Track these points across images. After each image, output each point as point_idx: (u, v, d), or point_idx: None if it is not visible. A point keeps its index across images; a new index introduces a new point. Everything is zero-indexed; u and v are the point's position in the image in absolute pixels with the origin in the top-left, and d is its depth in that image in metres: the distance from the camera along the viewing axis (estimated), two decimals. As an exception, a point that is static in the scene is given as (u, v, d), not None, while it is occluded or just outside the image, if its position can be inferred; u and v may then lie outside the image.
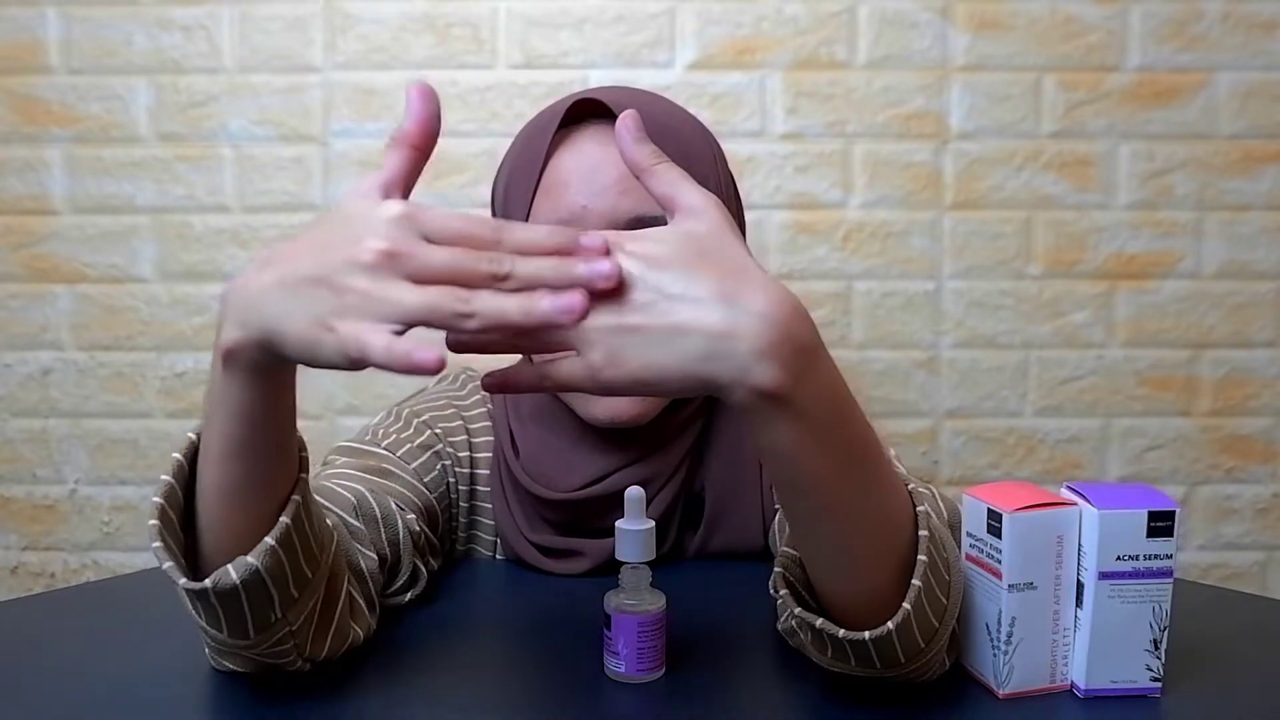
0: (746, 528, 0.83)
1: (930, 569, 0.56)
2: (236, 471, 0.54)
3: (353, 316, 0.46)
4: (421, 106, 0.52)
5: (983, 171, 1.34)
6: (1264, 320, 1.36)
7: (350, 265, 0.47)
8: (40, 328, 1.37)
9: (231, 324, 0.50)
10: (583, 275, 0.48)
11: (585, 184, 0.76)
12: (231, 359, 0.51)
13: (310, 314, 0.47)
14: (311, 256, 0.48)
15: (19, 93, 1.34)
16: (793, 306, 0.50)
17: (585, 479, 0.81)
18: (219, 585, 0.54)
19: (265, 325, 0.48)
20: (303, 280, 0.47)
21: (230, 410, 0.52)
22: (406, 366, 0.44)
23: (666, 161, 0.53)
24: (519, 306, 0.46)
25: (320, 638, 0.61)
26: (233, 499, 0.55)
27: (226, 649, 0.59)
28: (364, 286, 0.46)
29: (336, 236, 0.48)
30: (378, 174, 0.52)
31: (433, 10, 1.33)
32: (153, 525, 0.55)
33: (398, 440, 0.83)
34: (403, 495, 0.77)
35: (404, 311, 0.46)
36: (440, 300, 0.46)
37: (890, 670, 0.58)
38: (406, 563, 0.73)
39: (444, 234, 0.48)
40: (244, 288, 0.50)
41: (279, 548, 0.55)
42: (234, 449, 0.54)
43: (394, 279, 0.46)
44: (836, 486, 0.53)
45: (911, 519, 0.57)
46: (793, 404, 0.50)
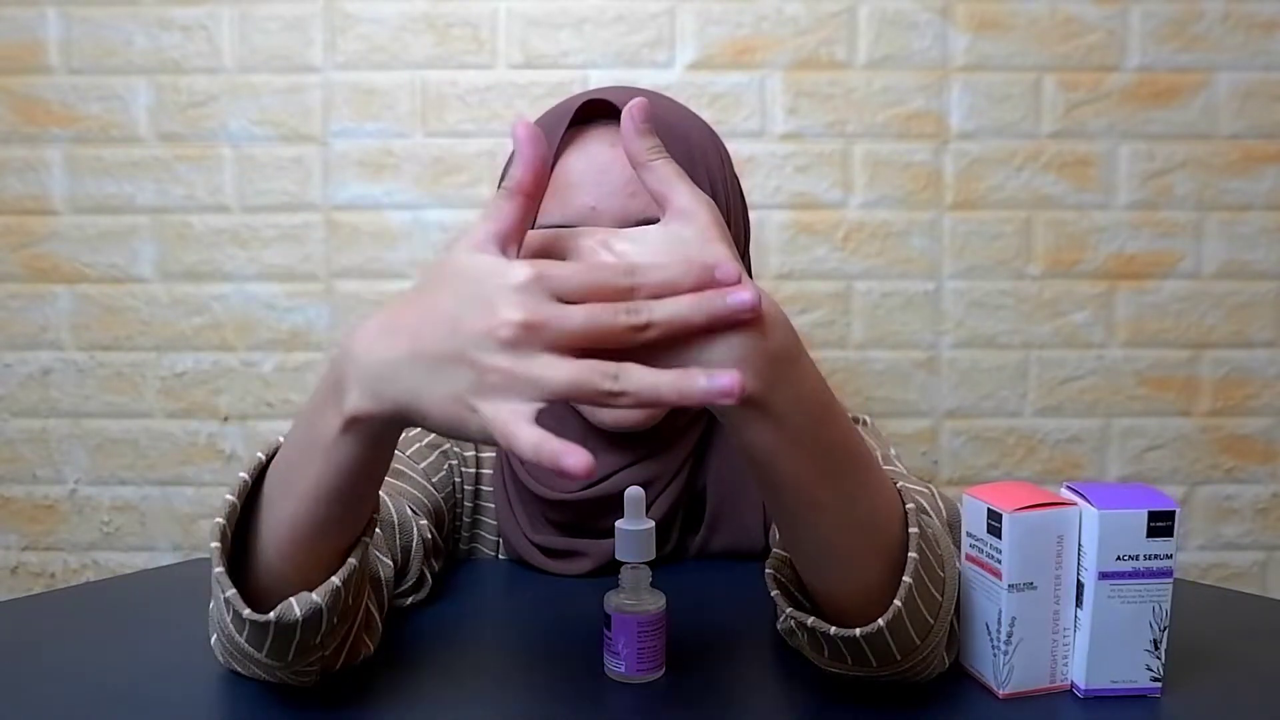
0: (748, 528, 0.83)
1: (922, 566, 0.56)
2: (323, 515, 0.54)
3: (496, 396, 0.45)
4: (532, 151, 0.50)
5: (983, 171, 1.34)
6: (1264, 320, 1.36)
7: (487, 341, 0.45)
8: (40, 328, 1.37)
9: (361, 393, 0.49)
10: (726, 312, 0.46)
11: (595, 185, 0.76)
12: (357, 426, 0.50)
13: (450, 392, 0.46)
14: (444, 329, 0.46)
15: (19, 93, 1.34)
16: (771, 314, 0.49)
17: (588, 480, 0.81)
18: (282, 620, 0.54)
19: (401, 401, 0.48)
20: (438, 357, 0.46)
21: (336, 464, 0.52)
22: (554, 468, 0.43)
23: (665, 157, 0.53)
24: (675, 388, 0.45)
25: (337, 655, 0.61)
26: (310, 537, 0.55)
27: (251, 661, 0.59)
28: (505, 365, 0.45)
29: (466, 304, 0.46)
30: (488, 224, 0.49)
31: (433, 10, 1.33)
32: (215, 548, 0.55)
33: (406, 439, 0.83)
34: (414, 497, 0.77)
35: (549, 392, 0.44)
36: (587, 378, 0.44)
37: (886, 668, 0.58)
38: (415, 569, 0.73)
39: (576, 290, 0.46)
40: (371, 355, 0.48)
41: (343, 588, 0.56)
42: (329, 494, 0.53)
43: (535, 354, 0.45)
44: (817, 488, 0.53)
45: (901, 517, 0.57)
46: (768, 409, 0.49)
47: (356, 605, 0.60)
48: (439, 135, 1.34)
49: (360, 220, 1.36)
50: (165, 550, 1.39)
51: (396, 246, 1.36)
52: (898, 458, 0.84)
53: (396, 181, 1.35)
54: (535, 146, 0.50)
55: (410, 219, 1.35)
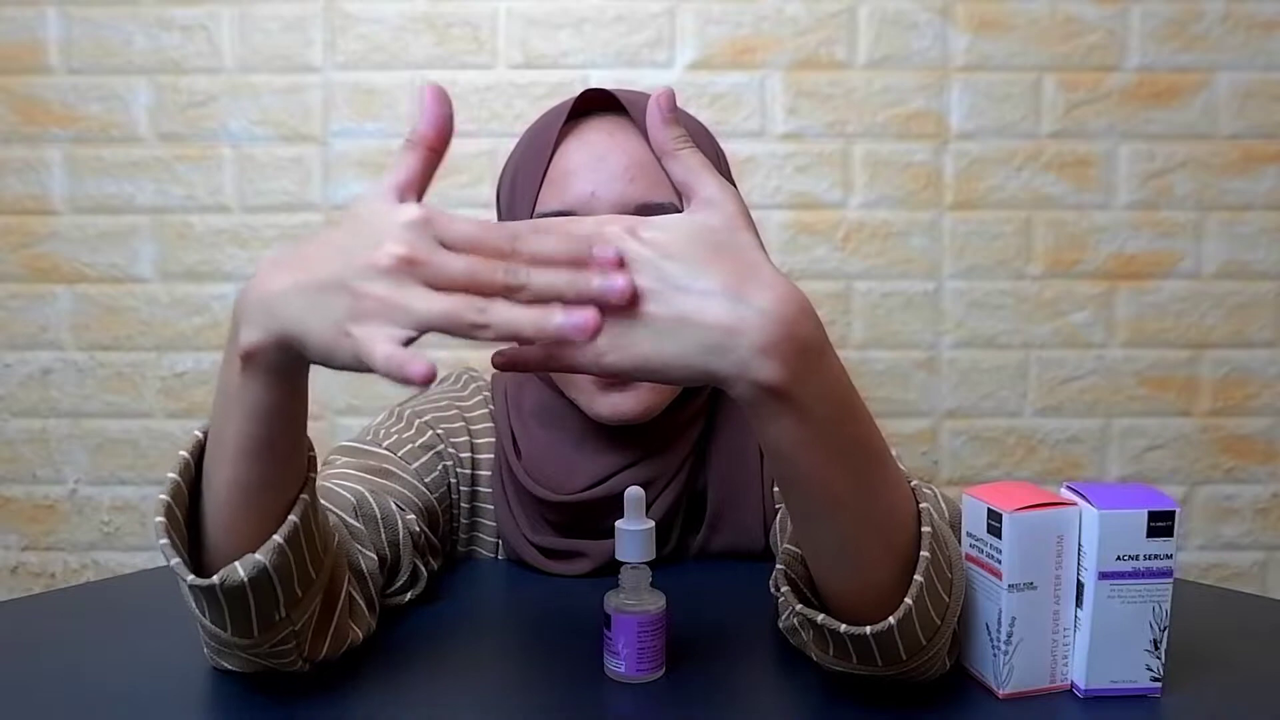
0: (748, 528, 0.83)
1: (933, 565, 0.56)
2: (250, 470, 0.54)
3: (370, 322, 0.46)
4: (435, 107, 0.52)
5: (983, 171, 1.34)
6: (1264, 320, 1.36)
7: (369, 270, 0.47)
8: (40, 328, 1.37)
9: (250, 326, 0.50)
10: (596, 291, 0.48)
11: (593, 172, 0.76)
12: (250, 360, 0.51)
13: (329, 318, 0.47)
14: (329, 260, 0.48)
15: (19, 93, 1.34)
16: (799, 305, 0.50)
17: (587, 480, 0.81)
18: (226, 582, 0.54)
19: (285, 328, 0.49)
20: (321, 284, 0.48)
21: (247, 409, 0.53)
22: (399, 376, 0.44)
23: (692, 147, 0.53)
24: (532, 321, 0.46)
25: (320, 638, 0.61)
26: (244, 497, 0.55)
27: (228, 648, 0.59)
28: (381, 292, 0.46)
29: (354, 240, 0.48)
30: (392, 175, 0.51)
31: (433, 10, 1.33)
32: (159, 522, 0.55)
33: (399, 440, 0.83)
34: (403, 495, 0.77)
35: (420, 319, 0.46)
36: (457, 309, 0.46)
37: (891, 668, 0.58)
38: (406, 563, 0.73)
39: (461, 240, 0.48)
40: (260, 290, 0.50)
41: (287, 546, 0.56)
42: (250, 447, 0.54)
43: (411, 285, 0.47)
44: (839, 483, 0.53)
45: (914, 516, 0.57)
46: (794, 401, 0.50)
47: (324, 579, 0.60)
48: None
49: (360, 220, 1.35)
50: (165, 550, 1.39)
51: (396, 246, 1.36)
52: (898, 458, 0.83)
53: (396, 181, 1.35)
54: (439, 104, 0.52)
55: (410, 219, 1.35)
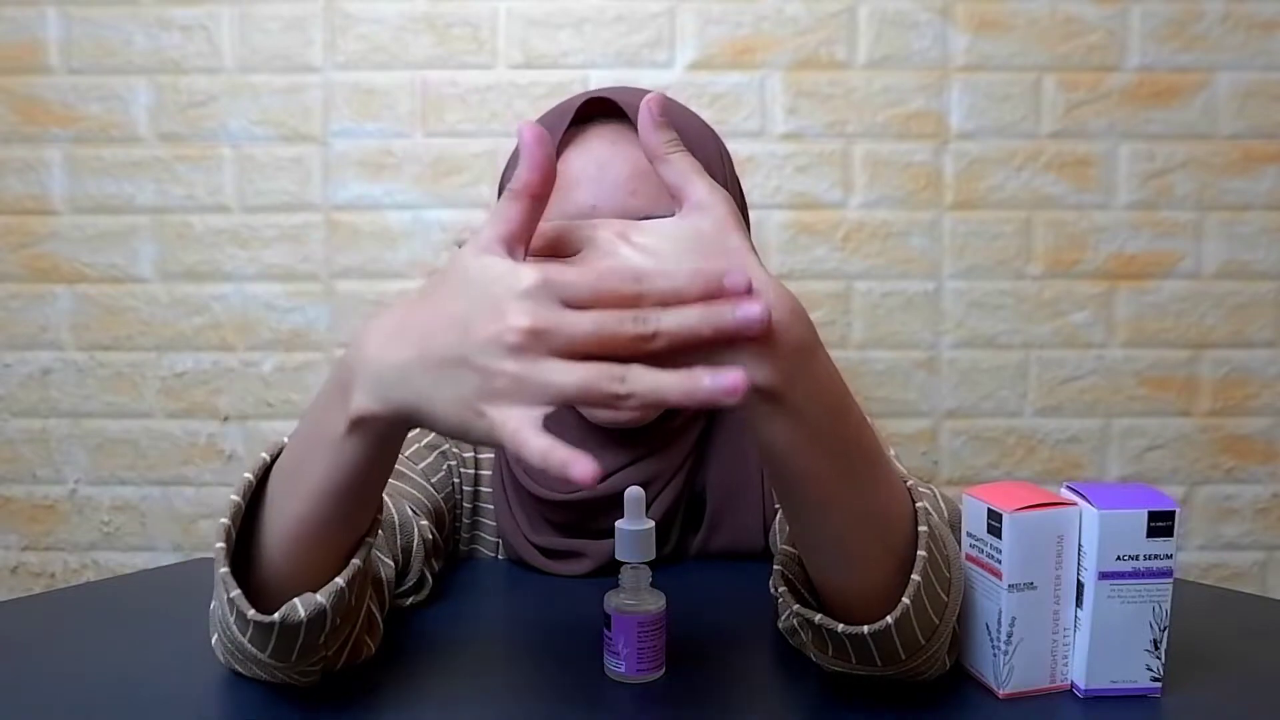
0: (748, 528, 0.83)
1: (930, 565, 0.56)
2: (326, 512, 0.54)
3: (503, 401, 0.45)
4: (539, 152, 0.49)
5: (983, 171, 1.34)
6: (1264, 320, 1.36)
7: (495, 347, 0.45)
8: (40, 328, 1.37)
9: (367, 395, 0.49)
10: (734, 325, 0.46)
11: (594, 183, 0.76)
12: (362, 427, 0.50)
13: (457, 396, 0.46)
14: (449, 332, 0.46)
15: (19, 93, 1.34)
16: (790, 308, 0.50)
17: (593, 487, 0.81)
18: (286, 621, 0.55)
19: (407, 404, 0.48)
20: (446, 361, 0.46)
21: (342, 463, 0.52)
22: (561, 476, 0.43)
23: (682, 151, 0.53)
24: (679, 389, 0.44)
25: (338, 658, 0.61)
26: (316, 536, 0.55)
27: (253, 663, 0.59)
28: (513, 370, 0.45)
29: (473, 308, 0.46)
30: (495, 226, 0.49)
31: (433, 10, 1.33)
32: (219, 548, 0.55)
33: (405, 440, 0.83)
34: (414, 498, 0.78)
35: (558, 396, 0.44)
36: (594, 380, 0.44)
37: (890, 667, 0.58)
38: (416, 569, 0.73)
39: (583, 295, 0.46)
40: (379, 357, 0.49)
41: (347, 589, 0.56)
42: (332, 492, 0.53)
43: (541, 359, 0.45)
44: (834, 484, 0.53)
45: (911, 516, 0.57)
46: (787, 402, 0.50)
47: (359, 606, 0.60)
48: (439, 135, 1.34)
49: (360, 220, 1.36)
50: (165, 550, 1.39)
51: (396, 246, 1.36)
52: (896, 458, 0.83)
53: (396, 181, 1.35)
54: (542, 147, 0.49)
55: (410, 219, 1.35)
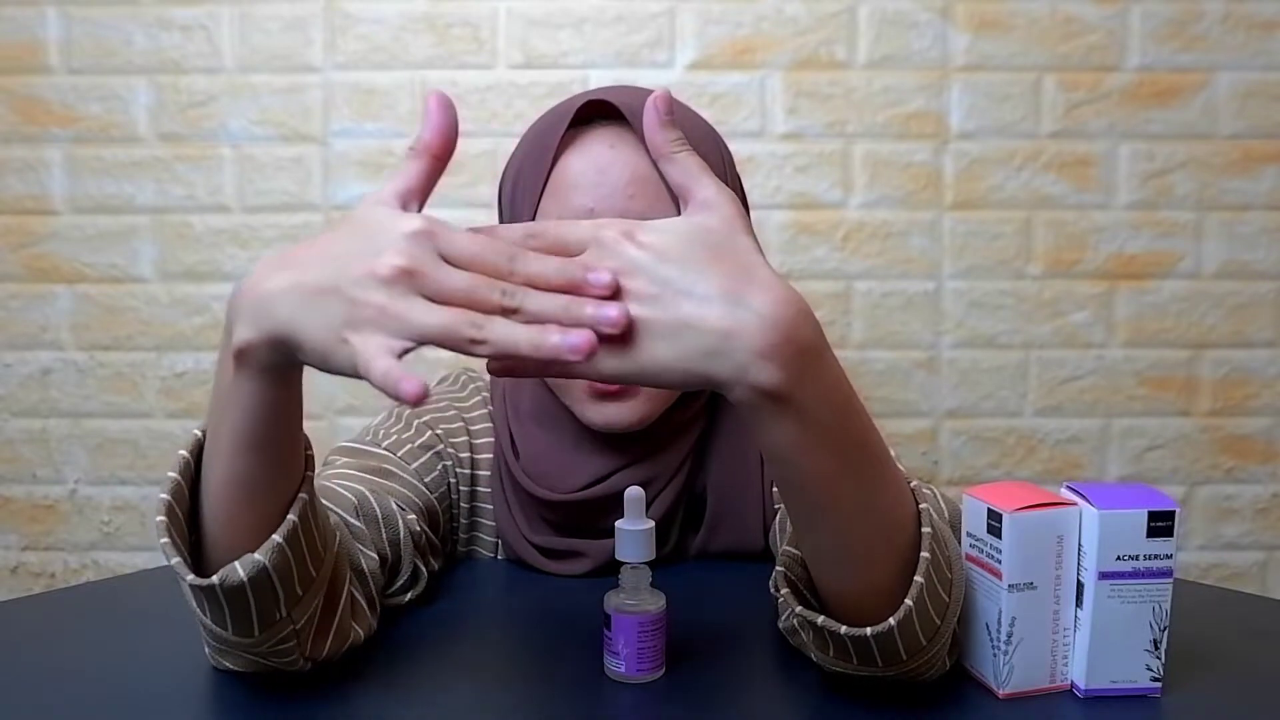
0: (748, 528, 0.83)
1: (933, 566, 0.56)
2: (246, 467, 0.54)
3: (367, 330, 0.47)
4: (440, 116, 0.52)
5: (983, 171, 1.34)
6: (1264, 320, 1.36)
7: (368, 279, 0.47)
8: (40, 328, 1.37)
9: (244, 324, 0.50)
10: (588, 319, 0.48)
11: (594, 186, 0.75)
12: (244, 358, 0.51)
13: (326, 323, 0.47)
14: (329, 265, 0.48)
15: (19, 93, 1.34)
16: (798, 307, 0.50)
17: (586, 480, 0.81)
18: (226, 582, 0.54)
19: (279, 328, 0.49)
20: (319, 289, 0.48)
21: (241, 407, 0.53)
22: (392, 392, 0.45)
23: (688, 149, 0.53)
24: (529, 340, 0.47)
25: (321, 637, 0.61)
26: (241, 495, 0.55)
27: (229, 648, 0.59)
28: (380, 301, 0.47)
29: (355, 246, 0.49)
30: (394, 181, 0.52)
31: (433, 10, 1.33)
32: (159, 521, 0.55)
33: (398, 440, 0.83)
34: (403, 495, 0.77)
35: (417, 331, 0.46)
36: (454, 323, 0.46)
37: (891, 668, 0.58)
38: (407, 563, 0.73)
39: (462, 256, 0.48)
40: (257, 289, 0.50)
41: (286, 545, 0.56)
42: (244, 444, 0.54)
43: (410, 296, 0.47)
44: (838, 486, 0.53)
45: (914, 516, 0.57)
46: (793, 404, 0.50)
47: (325, 578, 0.60)
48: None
49: (360, 220, 1.35)
50: (165, 550, 1.39)
51: (396, 246, 1.36)
52: (898, 458, 0.83)
53: (396, 181, 1.35)
54: (444, 112, 0.52)
55: (410, 219, 1.35)
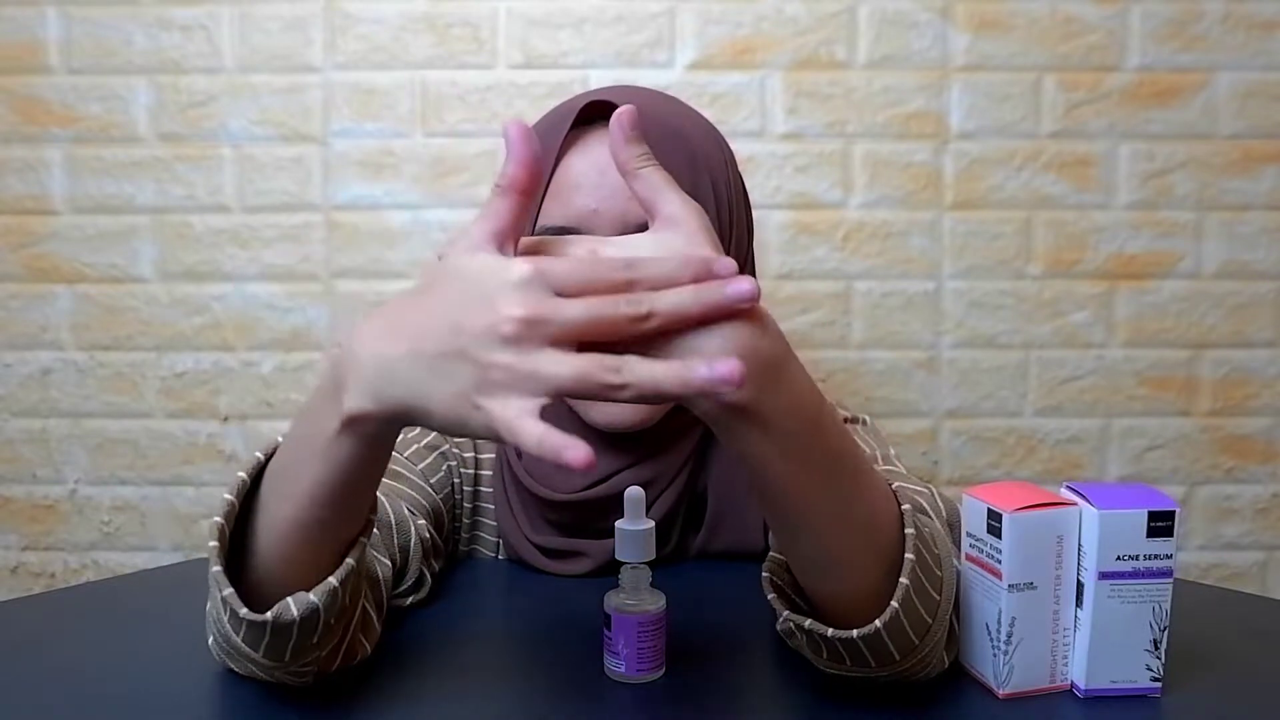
0: (749, 529, 0.83)
1: (919, 567, 0.56)
2: (321, 515, 0.54)
3: (500, 394, 0.45)
4: (523, 147, 0.49)
5: (983, 171, 1.34)
6: (1264, 320, 1.36)
7: (489, 338, 0.45)
8: (40, 328, 1.37)
9: (360, 393, 0.49)
10: (727, 300, 0.47)
11: (595, 187, 0.75)
12: (355, 426, 0.50)
13: (453, 390, 0.46)
14: (445, 327, 0.46)
15: (19, 93, 1.34)
16: (760, 319, 0.49)
17: (588, 480, 0.81)
18: (279, 620, 0.54)
19: (403, 401, 0.48)
20: (441, 356, 0.46)
21: (335, 464, 0.52)
22: (556, 462, 0.43)
23: (653, 165, 0.53)
24: (677, 379, 0.45)
25: (333, 659, 0.61)
26: (307, 538, 0.55)
27: (249, 662, 0.59)
28: (508, 361, 0.45)
29: (466, 301, 0.47)
30: (484, 223, 0.49)
31: (433, 10, 1.33)
32: (213, 546, 0.55)
33: (404, 440, 0.83)
34: (412, 498, 0.77)
35: (553, 386, 0.44)
36: (589, 371, 0.44)
37: (885, 668, 0.58)
38: (414, 569, 0.73)
39: (575, 283, 0.47)
40: (371, 355, 0.48)
41: (340, 588, 0.56)
42: (325, 496, 0.53)
43: (537, 349, 0.45)
44: (812, 494, 0.53)
45: (896, 519, 0.57)
46: (758, 416, 0.49)
47: (353, 606, 0.60)
48: (439, 135, 1.34)
49: (360, 220, 1.36)
50: (165, 550, 1.39)
51: (396, 246, 1.36)
52: (898, 458, 0.83)
53: (396, 181, 1.35)
54: (528, 144, 0.50)
55: (410, 219, 1.35)
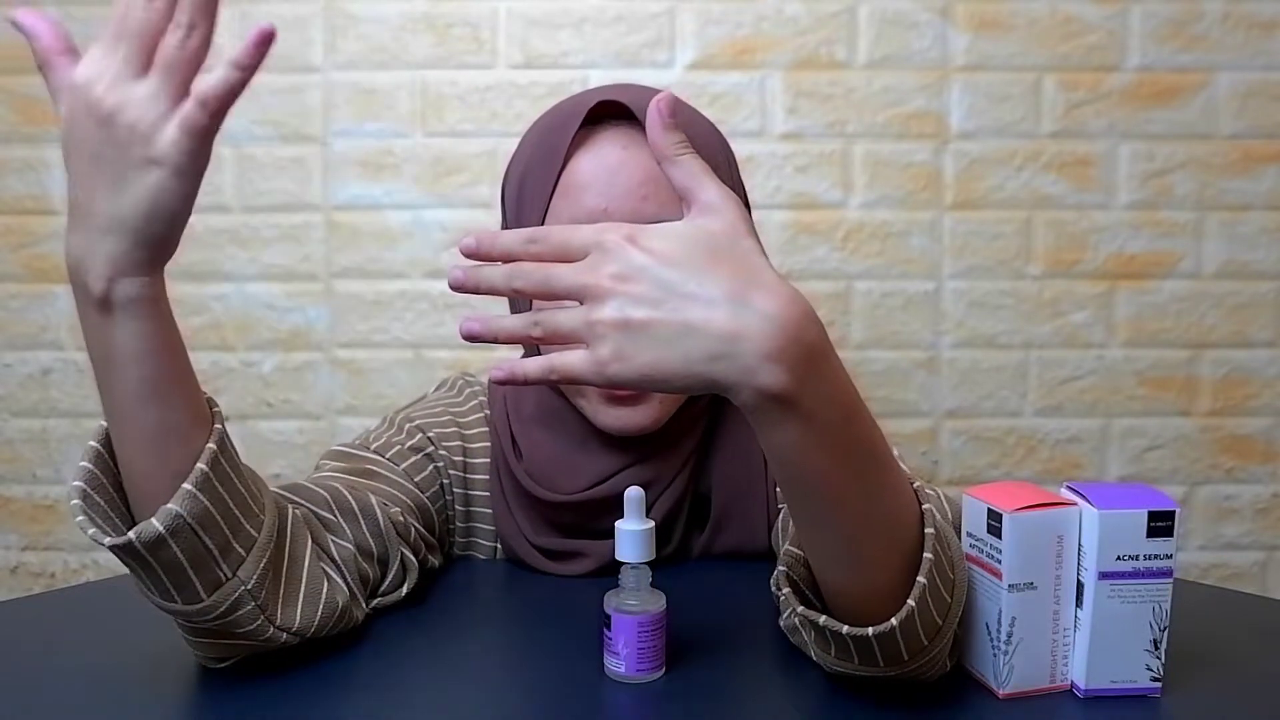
0: (751, 529, 0.83)
1: (935, 567, 0.56)
2: (146, 417, 0.55)
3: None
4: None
5: (983, 171, 1.34)
6: (1264, 320, 1.36)
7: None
8: (40, 328, 1.37)
9: (95, 273, 0.53)
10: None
11: (607, 187, 0.75)
12: (105, 302, 0.53)
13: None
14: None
15: (19, 93, 1.34)
16: (802, 310, 0.50)
17: (590, 481, 0.81)
18: (143, 536, 0.54)
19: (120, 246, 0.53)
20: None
21: (117, 348, 0.54)
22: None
23: (692, 153, 0.53)
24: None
25: (290, 602, 0.61)
26: (148, 449, 0.56)
27: (191, 624, 0.59)
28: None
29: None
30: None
31: (433, 10, 1.33)
32: (74, 503, 0.56)
33: (387, 443, 0.83)
34: (387, 493, 0.77)
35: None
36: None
37: (893, 668, 0.58)
38: (394, 553, 0.73)
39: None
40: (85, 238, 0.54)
41: (199, 492, 0.56)
42: (137, 391, 0.55)
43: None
44: (843, 487, 0.53)
45: (917, 517, 0.57)
46: (799, 406, 0.50)
47: (269, 536, 0.60)
48: (439, 135, 1.34)
49: (360, 220, 1.36)
50: (165, 550, 1.39)
51: (396, 246, 1.36)
52: (900, 458, 0.83)
53: (396, 181, 1.35)
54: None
55: (410, 219, 1.35)
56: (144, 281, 0.54)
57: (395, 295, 1.36)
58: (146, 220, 0.52)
